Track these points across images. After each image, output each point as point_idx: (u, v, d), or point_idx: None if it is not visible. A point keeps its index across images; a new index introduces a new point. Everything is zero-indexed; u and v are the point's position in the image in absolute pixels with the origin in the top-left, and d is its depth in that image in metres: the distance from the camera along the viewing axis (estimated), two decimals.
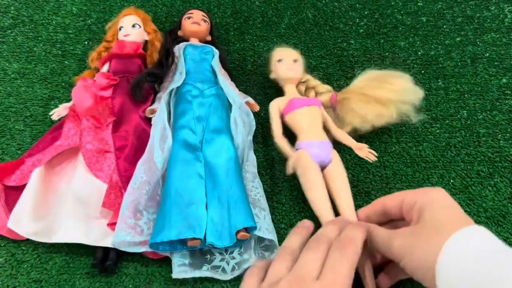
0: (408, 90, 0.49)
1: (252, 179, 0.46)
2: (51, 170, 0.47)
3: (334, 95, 0.53)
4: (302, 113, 0.49)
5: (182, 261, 0.40)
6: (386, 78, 0.49)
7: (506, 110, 0.54)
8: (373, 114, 0.49)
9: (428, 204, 0.31)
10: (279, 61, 0.54)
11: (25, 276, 0.41)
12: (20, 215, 0.42)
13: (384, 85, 0.49)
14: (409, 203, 0.33)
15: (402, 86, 0.48)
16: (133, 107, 0.52)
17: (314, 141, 0.47)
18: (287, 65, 0.54)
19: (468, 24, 0.65)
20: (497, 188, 0.47)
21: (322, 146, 0.47)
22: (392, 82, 0.48)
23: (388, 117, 0.49)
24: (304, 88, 0.55)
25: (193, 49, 0.56)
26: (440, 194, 0.32)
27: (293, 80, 0.54)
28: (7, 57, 0.62)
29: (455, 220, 0.29)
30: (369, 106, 0.48)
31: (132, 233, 0.40)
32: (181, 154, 0.45)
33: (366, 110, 0.48)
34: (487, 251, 0.26)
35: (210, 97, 0.52)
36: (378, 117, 0.49)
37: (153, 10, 0.70)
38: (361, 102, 0.49)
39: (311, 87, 0.55)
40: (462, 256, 0.27)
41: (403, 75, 0.50)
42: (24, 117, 0.55)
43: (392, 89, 0.48)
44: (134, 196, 0.42)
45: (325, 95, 0.53)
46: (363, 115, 0.49)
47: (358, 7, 0.69)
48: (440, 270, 0.27)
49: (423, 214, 0.31)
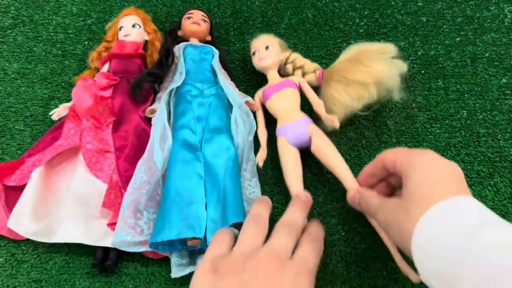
0: (386, 71, 0.48)
1: (250, 178, 0.46)
2: (51, 170, 0.48)
3: (321, 73, 0.53)
4: (274, 100, 0.50)
5: (180, 261, 0.41)
6: (364, 59, 0.49)
7: (506, 110, 0.54)
8: (354, 98, 0.48)
9: (413, 170, 0.31)
10: (253, 54, 0.55)
11: (25, 276, 0.41)
12: (20, 215, 0.42)
13: (363, 67, 0.48)
14: (400, 164, 0.33)
15: (380, 68, 0.48)
16: (133, 107, 0.52)
17: (287, 124, 0.48)
18: (259, 56, 0.54)
19: (468, 24, 0.65)
20: (497, 188, 0.47)
21: (295, 126, 0.47)
22: (369, 65, 0.48)
23: (369, 98, 0.49)
24: (292, 68, 0.56)
25: (192, 49, 0.56)
26: (427, 159, 0.31)
27: (270, 67, 0.54)
28: (7, 57, 0.62)
29: (436, 191, 0.28)
30: (349, 89, 0.48)
31: (132, 233, 0.40)
32: (181, 154, 0.45)
33: (346, 95, 0.48)
34: (462, 227, 0.25)
35: (210, 97, 0.52)
36: (358, 100, 0.49)
37: (153, 10, 0.70)
38: (341, 85, 0.49)
39: (298, 67, 0.55)
40: (435, 233, 0.26)
41: (382, 50, 0.50)
42: (24, 117, 0.55)
43: (370, 72, 0.47)
44: (134, 196, 0.42)
45: (311, 74, 0.54)
46: (344, 102, 0.49)
47: (358, 7, 0.69)
48: (415, 246, 0.27)
49: (407, 181, 0.31)
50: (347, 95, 0.49)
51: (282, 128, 0.48)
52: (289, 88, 0.51)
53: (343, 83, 0.49)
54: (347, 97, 0.49)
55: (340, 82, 0.49)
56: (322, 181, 0.49)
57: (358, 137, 0.53)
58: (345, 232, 0.45)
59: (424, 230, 0.27)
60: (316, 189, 0.48)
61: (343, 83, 0.49)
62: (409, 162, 0.32)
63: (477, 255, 0.24)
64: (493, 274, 0.22)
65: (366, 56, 0.49)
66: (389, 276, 0.41)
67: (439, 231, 0.26)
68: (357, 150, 0.52)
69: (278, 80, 0.53)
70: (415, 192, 0.29)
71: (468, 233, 0.25)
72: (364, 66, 0.48)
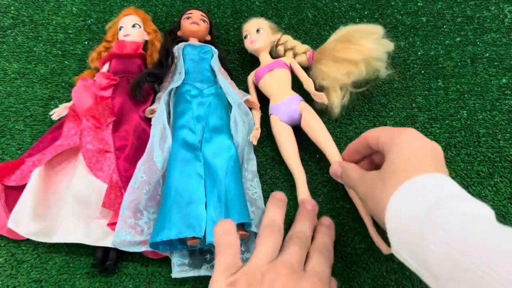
0: (374, 49, 0.50)
1: (252, 178, 0.46)
2: (51, 170, 0.48)
3: (311, 53, 0.54)
4: (266, 80, 0.52)
5: (182, 260, 0.41)
6: (353, 38, 0.51)
7: (506, 110, 0.54)
8: (343, 73, 0.50)
9: (395, 146, 0.32)
10: (245, 38, 0.57)
11: (25, 276, 0.41)
12: (20, 215, 0.42)
13: (352, 45, 0.50)
14: (383, 140, 0.34)
15: (368, 46, 0.50)
16: (133, 107, 0.52)
17: (279, 102, 0.50)
18: (250, 39, 0.56)
19: (468, 24, 0.65)
20: (497, 188, 0.47)
21: (287, 104, 0.49)
22: (359, 43, 0.50)
23: (359, 74, 0.50)
24: (283, 50, 0.57)
25: (192, 49, 0.56)
26: (409, 136, 0.32)
27: (261, 49, 0.56)
28: (7, 57, 0.62)
29: (414, 166, 0.29)
30: (338, 65, 0.50)
31: (132, 232, 0.40)
32: (181, 154, 0.45)
33: (336, 70, 0.50)
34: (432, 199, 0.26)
35: (210, 96, 0.52)
36: (348, 75, 0.50)
37: (153, 10, 0.70)
38: (331, 62, 0.51)
39: (289, 48, 0.57)
40: (407, 205, 0.27)
41: (371, 31, 0.52)
42: (24, 117, 0.55)
43: (359, 50, 0.49)
44: (134, 196, 0.42)
45: (302, 55, 0.55)
46: (333, 75, 0.50)
47: (358, 7, 0.69)
48: (388, 217, 0.28)
49: (388, 156, 0.32)
50: (337, 70, 0.50)
51: (275, 107, 0.50)
52: (280, 68, 0.52)
53: (333, 61, 0.51)
54: (337, 70, 0.50)
55: (330, 60, 0.51)
56: (322, 181, 0.49)
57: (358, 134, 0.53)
58: (345, 232, 0.45)
59: (398, 202, 0.28)
60: (316, 189, 0.48)
61: (332, 61, 0.51)
62: (392, 138, 0.33)
63: (440, 224, 0.24)
64: (455, 243, 0.23)
65: (355, 35, 0.51)
66: (389, 276, 0.41)
67: (410, 204, 0.27)
68: None
69: (270, 61, 0.55)
70: (394, 165, 0.30)
71: (436, 204, 0.26)
72: (353, 44, 0.50)
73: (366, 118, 0.55)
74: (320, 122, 0.48)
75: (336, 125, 0.54)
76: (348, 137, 0.53)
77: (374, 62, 0.51)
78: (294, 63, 0.54)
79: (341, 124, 0.54)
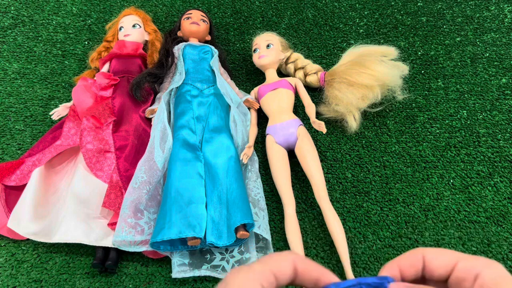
0: (388, 74, 0.49)
1: (255, 179, 0.46)
2: (51, 169, 0.47)
3: (323, 74, 0.53)
4: (267, 99, 0.52)
5: (182, 260, 0.41)
6: (366, 63, 0.49)
7: (506, 110, 0.54)
8: (358, 97, 0.49)
9: None
10: (254, 51, 0.56)
11: (25, 276, 0.41)
12: (20, 215, 0.42)
13: (365, 70, 0.49)
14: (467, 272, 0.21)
15: (381, 71, 0.49)
16: (133, 107, 0.52)
17: (277, 124, 0.49)
18: (259, 53, 0.55)
19: (468, 24, 0.65)
20: (497, 188, 0.47)
21: (284, 127, 0.48)
22: (371, 67, 0.49)
23: (374, 98, 0.50)
24: (293, 68, 0.56)
25: (192, 49, 0.56)
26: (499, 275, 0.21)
27: (269, 65, 0.55)
28: (7, 57, 0.62)
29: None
30: (352, 89, 0.49)
31: (132, 232, 0.40)
32: (181, 154, 0.45)
33: (350, 94, 0.49)
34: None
35: (210, 96, 0.52)
36: (363, 99, 0.49)
37: (153, 10, 0.70)
38: (344, 86, 0.50)
39: (300, 68, 0.55)
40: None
41: (383, 53, 0.51)
42: (24, 117, 0.55)
43: (374, 75, 0.49)
44: (134, 195, 0.42)
45: (313, 75, 0.54)
46: (346, 101, 0.49)
47: (358, 7, 0.69)
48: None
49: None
50: (351, 94, 0.49)
51: (272, 128, 0.49)
52: (284, 88, 0.51)
53: (346, 84, 0.50)
54: (352, 95, 0.49)
55: (343, 83, 0.50)
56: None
57: (358, 137, 0.53)
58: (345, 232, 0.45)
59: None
60: None
61: (345, 84, 0.50)
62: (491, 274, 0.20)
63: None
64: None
65: (368, 59, 0.50)
66: None
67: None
68: (357, 150, 0.52)
69: (275, 80, 0.54)
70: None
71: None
72: (367, 68, 0.49)
73: (366, 118, 0.55)
74: (314, 150, 0.46)
75: (337, 125, 0.54)
76: (348, 137, 0.53)
77: (387, 86, 0.50)
78: (300, 85, 0.53)
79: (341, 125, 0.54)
